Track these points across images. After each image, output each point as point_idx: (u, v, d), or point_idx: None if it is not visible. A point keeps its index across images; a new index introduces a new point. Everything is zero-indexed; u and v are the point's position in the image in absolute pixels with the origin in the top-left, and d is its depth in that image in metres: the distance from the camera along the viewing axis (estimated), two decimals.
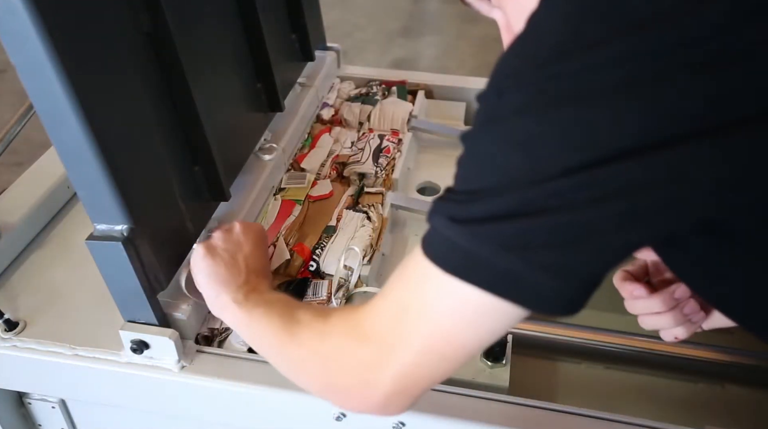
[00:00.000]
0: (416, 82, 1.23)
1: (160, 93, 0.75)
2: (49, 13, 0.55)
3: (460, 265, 0.43)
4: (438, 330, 0.46)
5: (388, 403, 0.50)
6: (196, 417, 0.81)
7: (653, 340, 0.88)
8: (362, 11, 3.40)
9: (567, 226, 0.39)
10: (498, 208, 0.40)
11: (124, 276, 0.69)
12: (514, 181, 0.40)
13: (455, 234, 0.42)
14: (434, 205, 0.45)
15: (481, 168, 0.42)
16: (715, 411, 0.80)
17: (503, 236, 0.41)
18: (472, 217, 0.41)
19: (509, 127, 0.40)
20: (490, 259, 0.41)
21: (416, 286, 0.47)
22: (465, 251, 0.42)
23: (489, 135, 0.42)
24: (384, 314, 0.50)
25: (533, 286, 0.42)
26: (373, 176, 1.02)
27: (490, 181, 0.41)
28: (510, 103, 0.40)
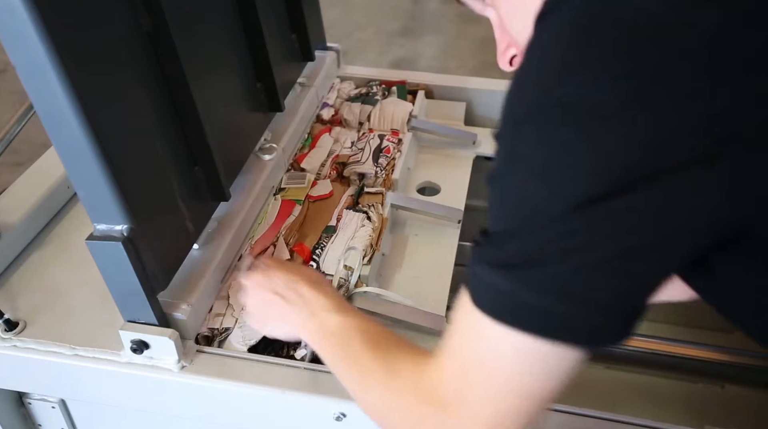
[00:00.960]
0: (416, 82, 1.23)
1: (160, 93, 0.75)
2: (49, 13, 0.55)
3: (510, 313, 0.42)
4: (507, 386, 0.45)
5: None
6: (196, 417, 0.81)
7: (653, 340, 0.88)
8: (362, 11, 3.40)
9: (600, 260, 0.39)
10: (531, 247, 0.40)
11: (124, 276, 0.69)
12: (542, 215, 0.40)
13: (498, 280, 0.42)
14: (473, 251, 0.44)
15: (508, 205, 0.42)
16: (715, 411, 0.80)
17: (544, 279, 0.40)
18: (509, 261, 0.41)
19: (529, 161, 0.40)
20: (537, 304, 0.41)
21: (475, 340, 0.45)
22: (511, 298, 0.42)
23: (510, 171, 0.41)
24: (451, 376, 0.48)
25: (584, 325, 0.41)
26: (373, 176, 1.02)
27: (518, 217, 0.41)
28: (526, 134, 0.40)
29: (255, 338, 0.78)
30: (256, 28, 0.94)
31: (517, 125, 0.40)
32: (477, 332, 0.45)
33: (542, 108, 0.39)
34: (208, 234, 0.85)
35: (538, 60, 0.40)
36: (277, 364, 0.75)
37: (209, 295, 0.81)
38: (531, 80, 0.40)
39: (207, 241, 0.84)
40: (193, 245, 0.82)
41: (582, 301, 0.41)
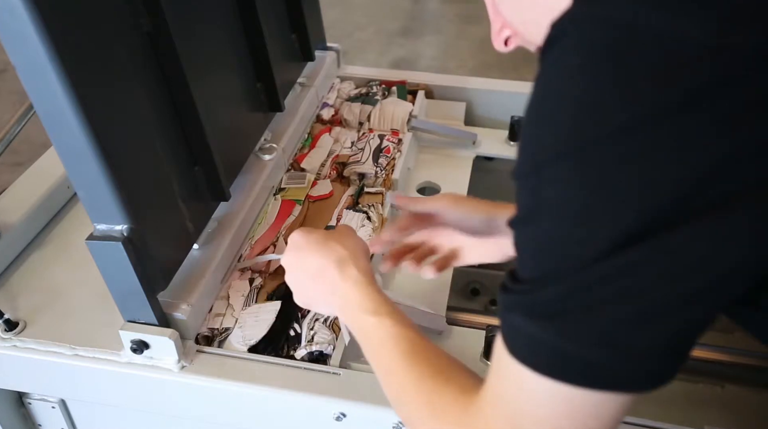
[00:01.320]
0: (416, 82, 1.23)
1: (160, 93, 0.75)
2: (49, 13, 0.55)
3: (551, 364, 0.41)
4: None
5: None
6: (196, 417, 0.81)
7: None
8: (362, 11, 3.40)
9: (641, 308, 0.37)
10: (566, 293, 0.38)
11: (124, 276, 0.69)
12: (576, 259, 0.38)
13: (536, 331, 0.40)
14: (504, 299, 0.43)
15: (538, 251, 0.40)
16: (715, 411, 0.80)
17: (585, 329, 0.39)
18: (546, 310, 0.40)
19: (557, 205, 0.38)
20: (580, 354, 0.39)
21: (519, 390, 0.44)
22: (552, 349, 0.40)
23: (537, 215, 0.39)
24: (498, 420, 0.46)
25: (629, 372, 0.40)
26: (373, 176, 1.02)
27: (551, 263, 0.39)
28: (550, 179, 0.38)
29: (255, 338, 0.78)
30: (256, 28, 0.94)
31: (540, 168, 0.38)
32: (520, 383, 0.43)
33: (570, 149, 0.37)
34: (208, 234, 0.85)
35: (557, 96, 0.37)
36: (277, 364, 0.75)
37: (209, 295, 0.81)
38: (552, 119, 0.38)
39: (207, 241, 0.84)
40: (193, 245, 0.82)
41: (625, 348, 0.39)
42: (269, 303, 0.82)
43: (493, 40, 0.53)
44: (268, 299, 0.83)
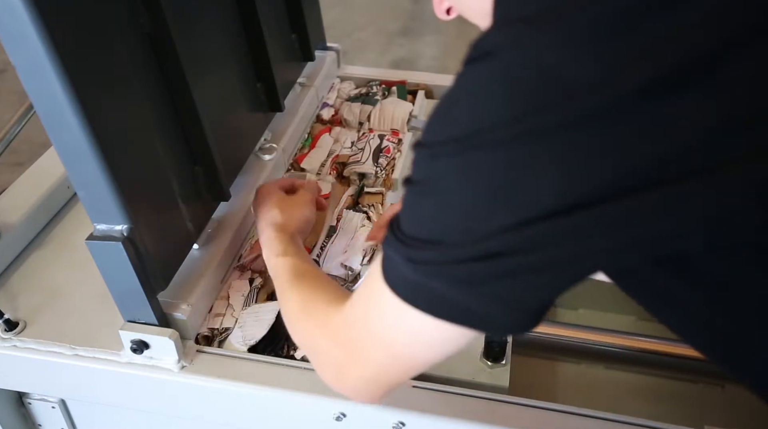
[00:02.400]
0: (416, 82, 1.23)
1: (160, 93, 0.75)
2: (49, 13, 0.55)
3: (415, 295, 0.46)
4: (395, 349, 0.51)
5: (359, 395, 0.57)
6: (196, 417, 0.81)
7: (653, 340, 0.88)
8: (362, 11, 3.40)
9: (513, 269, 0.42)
10: (445, 257, 0.43)
11: (124, 276, 0.69)
12: (456, 240, 0.43)
13: (409, 271, 0.46)
14: (388, 236, 0.48)
15: (426, 224, 0.45)
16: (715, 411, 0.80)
17: (452, 275, 0.44)
18: (422, 260, 0.45)
19: (445, 192, 0.43)
20: (442, 292, 0.44)
21: (376, 306, 0.50)
22: (419, 285, 0.46)
23: (427, 195, 0.44)
24: (352, 326, 0.55)
25: (483, 314, 0.45)
26: (373, 176, 1.02)
27: (436, 236, 0.44)
28: (443, 169, 0.43)
29: (255, 338, 0.78)
30: (256, 28, 0.94)
31: (435, 157, 0.43)
32: (382, 300, 0.49)
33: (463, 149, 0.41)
34: (208, 234, 0.85)
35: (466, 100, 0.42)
36: (277, 364, 0.75)
37: (209, 295, 0.81)
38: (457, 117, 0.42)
39: (207, 241, 0.84)
40: (193, 245, 0.82)
41: (489, 296, 0.44)
42: (269, 303, 0.82)
43: (435, 9, 0.59)
44: (268, 299, 0.83)
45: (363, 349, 0.53)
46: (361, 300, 0.54)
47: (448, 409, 0.70)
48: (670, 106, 0.37)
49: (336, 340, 0.57)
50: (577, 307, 1.07)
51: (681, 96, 0.36)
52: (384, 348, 0.52)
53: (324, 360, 0.59)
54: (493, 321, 0.45)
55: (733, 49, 0.36)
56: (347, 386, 0.57)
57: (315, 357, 0.61)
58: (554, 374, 0.90)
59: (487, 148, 0.40)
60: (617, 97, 0.37)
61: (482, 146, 0.40)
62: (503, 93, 0.40)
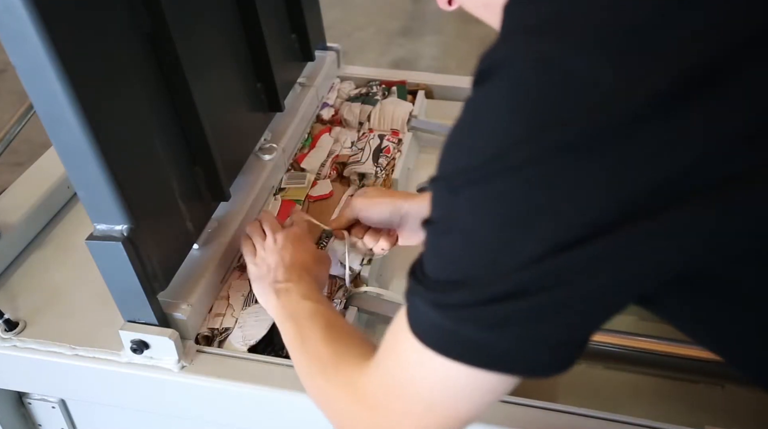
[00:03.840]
0: (416, 82, 1.23)
1: (160, 93, 0.75)
2: (49, 13, 0.55)
3: (445, 344, 0.43)
4: (431, 407, 0.47)
5: None
6: (196, 417, 0.81)
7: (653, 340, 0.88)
8: (362, 11, 3.40)
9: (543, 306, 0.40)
10: (474, 298, 0.41)
11: (124, 276, 0.69)
12: (481, 278, 0.41)
13: (437, 317, 0.43)
14: (411, 283, 0.45)
15: (449, 264, 0.43)
16: (715, 411, 0.80)
17: (484, 317, 0.41)
18: (450, 304, 0.42)
19: (466, 227, 0.41)
20: (474, 336, 0.42)
21: (409, 362, 0.47)
22: (448, 331, 0.43)
23: (450, 232, 0.42)
24: (380, 386, 0.50)
25: (520, 356, 0.42)
26: (373, 176, 1.02)
27: (461, 276, 0.42)
28: (462, 203, 0.41)
29: (255, 338, 0.78)
30: (256, 28, 0.94)
31: (454, 192, 0.41)
32: (411, 354, 0.46)
33: (482, 177, 0.39)
34: (208, 234, 0.85)
35: (479, 126, 0.40)
36: (277, 364, 0.75)
37: (209, 295, 0.81)
38: (471, 144, 0.40)
39: (207, 241, 0.84)
40: (193, 245, 0.82)
41: (526, 338, 0.41)
42: None
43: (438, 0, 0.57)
44: None
45: (395, 412, 0.49)
46: (387, 356, 0.50)
47: None
48: (690, 115, 0.35)
49: (361, 403, 0.52)
50: None
51: (704, 102, 0.35)
52: (419, 406, 0.47)
53: (345, 422, 0.54)
54: (530, 363, 0.43)
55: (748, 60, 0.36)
56: None
57: (334, 417, 0.56)
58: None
59: (505, 173, 0.38)
60: (638, 106, 0.35)
61: (501, 172, 0.38)
62: (516, 111, 0.38)
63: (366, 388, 0.52)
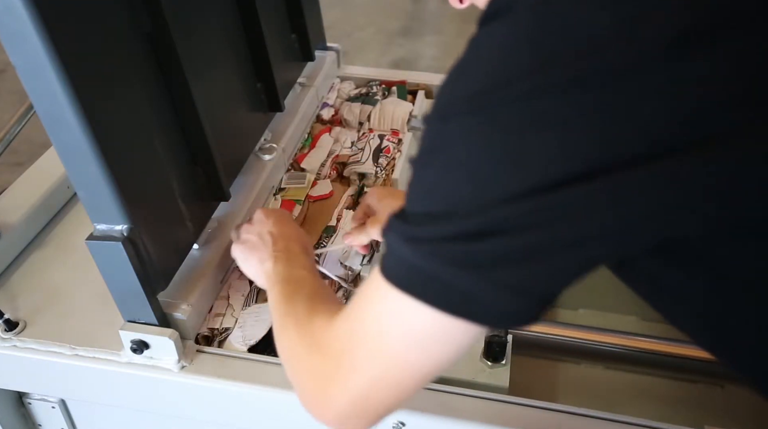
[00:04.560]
0: (416, 82, 1.23)
1: (160, 93, 0.75)
2: (49, 13, 0.55)
3: (412, 282, 0.43)
4: (390, 353, 0.46)
5: (343, 422, 0.50)
6: (196, 417, 0.81)
7: (653, 340, 0.88)
8: (362, 11, 3.40)
9: (517, 248, 0.39)
10: (449, 232, 0.41)
11: (124, 276, 0.69)
12: (462, 208, 0.40)
13: (408, 252, 0.42)
14: (388, 222, 0.45)
15: (430, 194, 0.42)
16: (715, 411, 0.80)
17: (456, 255, 0.41)
18: (424, 237, 0.42)
19: (454, 155, 0.40)
20: (443, 276, 0.41)
21: (372, 306, 0.47)
22: (417, 268, 0.42)
23: (435, 162, 0.42)
24: (343, 334, 0.50)
25: (486, 303, 0.42)
26: (373, 176, 1.02)
27: (440, 206, 0.41)
28: (454, 130, 0.40)
29: (255, 338, 0.78)
30: (256, 28, 0.94)
31: (450, 119, 0.40)
32: (377, 300, 0.45)
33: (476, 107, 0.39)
34: (208, 234, 0.85)
35: (480, 60, 0.40)
36: (277, 364, 0.75)
37: (209, 295, 0.81)
38: (469, 78, 0.40)
39: (207, 241, 0.84)
40: (193, 245, 0.82)
41: (491, 281, 0.41)
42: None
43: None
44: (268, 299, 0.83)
45: (351, 358, 0.48)
46: (354, 305, 0.49)
47: (448, 409, 0.70)
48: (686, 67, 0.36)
49: (323, 353, 0.51)
50: (577, 307, 1.07)
51: (697, 57, 0.35)
52: (374, 351, 0.46)
53: (304, 376, 0.53)
54: (494, 310, 0.42)
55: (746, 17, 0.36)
56: (330, 409, 0.50)
57: (295, 375, 0.55)
58: (554, 374, 0.90)
59: (500, 105, 0.38)
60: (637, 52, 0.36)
61: (495, 103, 0.38)
62: (519, 48, 0.38)
63: (329, 337, 0.51)
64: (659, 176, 0.37)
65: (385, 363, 0.46)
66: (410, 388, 0.48)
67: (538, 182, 0.38)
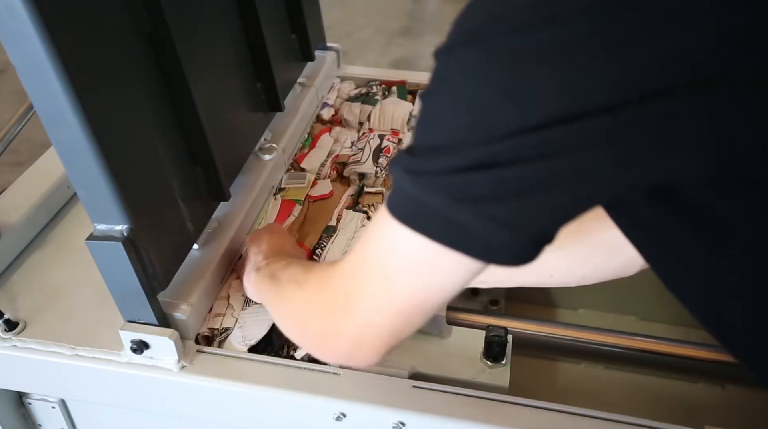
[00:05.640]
0: (416, 82, 1.23)
1: (160, 93, 0.75)
2: (49, 13, 0.55)
3: (411, 214, 0.44)
4: (390, 283, 0.48)
5: (354, 352, 0.53)
6: (196, 417, 0.81)
7: (653, 340, 0.88)
8: (362, 11, 3.40)
9: (513, 181, 0.40)
10: (448, 164, 0.41)
11: (124, 276, 0.69)
12: (463, 141, 0.41)
13: (408, 184, 0.43)
14: (395, 157, 0.46)
15: (433, 127, 0.43)
16: (715, 411, 0.80)
17: (453, 188, 0.41)
18: (424, 169, 0.42)
19: (454, 88, 0.41)
20: (440, 208, 0.42)
21: (375, 237, 0.48)
22: (416, 201, 0.43)
23: (438, 95, 0.42)
24: (348, 266, 0.52)
25: (481, 236, 0.42)
26: (373, 176, 1.02)
27: (441, 139, 0.42)
28: (458, 62, 0.40)
29: (255, 338, 0.78)
30: (256, 28, 0.94)
31: (455, 51, 0.41)
32: (380, 231, 0.47)
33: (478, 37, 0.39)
34: (208, 234, 0.85)
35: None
36: (277, 364, 0.75)
37: (209, 295, 0.81)
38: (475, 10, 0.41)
39: (207, 241, 0.84)
40: (193, 245, 0.82)
41: (488, 214, 0.41)
42: None
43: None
44: None
45: (356, 290, 0.50)
46: (360, 240, 0.51)
47: (448, 409, 0.70)
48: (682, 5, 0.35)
49: (330, 289, 0.53)
50: (577, 307, 1.08)
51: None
52: (376, 279, 0.48)
53: (314, 317, 0.54)
54: (488, 244, 0.42)
55: None
56: (339, 341, 0.52)
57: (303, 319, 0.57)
58: (554, 374, 0.90)
59: (500, 36, 0.38)
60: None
61: (499, 34, 0.38)
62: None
63: (335, 273, 0.53)
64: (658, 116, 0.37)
65: (386, 291, 0.48)
66: (413, 317, 0.49)
67: (534, 117, 0.38)
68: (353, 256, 0.52)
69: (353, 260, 0.51)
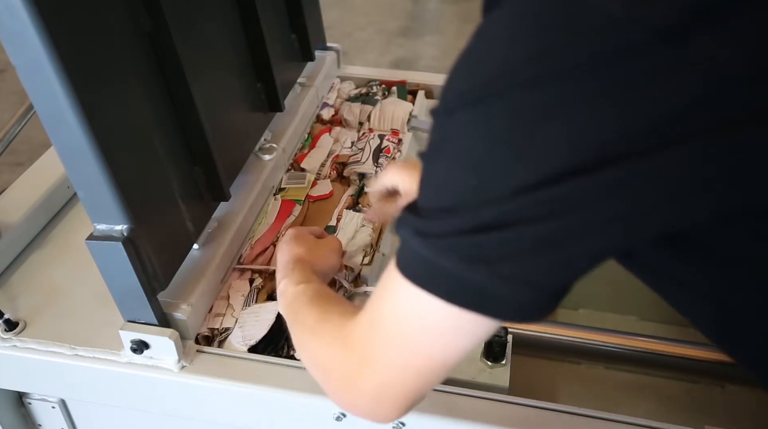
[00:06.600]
0: (416, 82, 1.23)
1: (160, 93, 0.75)
2: (49, 13, 0.55)
3: (426, 277, 0.43)
4: (409, 345, 0.47)
5: (375, 411, 0.52)
6: (196, 417, 0.81)
7: (653, 340, 0.88)
8: (362, 11, 3.40)
9: (525, 240, 0.39)
10: (457, 226, 0.41)
11: (124, 276, 0.69)
12: (471, 202, 0.40)
13: (421, 247, 0.43)
14: (401, 217, 0.45)
15: (439, 188, 0.42)
16: (715, 411, 0.80)
17: (464, 249, 0.41)
18: (433, 232, 0.42)
19: (458, 149, 0.40)
20: (454, 271, 0.41)
21: (389, 298, 0.48)
22: (428, 262, 0.42)
23: (441, 156, 0.42)
24: (363, 325, 0.51)
25: (497, 296, 0.42)
26: (373, 176, 1.02)
27: (449, 201, 0.41)
28: (457, 123, 0.40)
29: (255, 338, 0.78)
30: (256, 28, 0.94)
31: (455, 111, 0.40)
32: (393, 292, 0.46)
33: (481, 99, 0.39)
34: (208, 234, 0.85)
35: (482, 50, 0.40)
36: (277, 364, 0.75)
37: (209, 295, 0.81)
38: (474, 67, 0.40)
39: (207, 241, 0.84)
40: (193, 245, 0.82)
41: (500, 274, 0.41)
42: (269, 303, 0.82)
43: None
44: (268, 299, 0.83)
45: (374, 351, 0.49)
46: (374, 298, 0.50)
47: (448, 409, 0.70)
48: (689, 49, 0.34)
49: (347, 347, 0.52)
50: (577, 307, 1.08)
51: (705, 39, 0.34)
52: (394, 341, 0.47)
53: (334, 374, 0.54)
54: (506, 304, 0.42)
55: None
56: (360, 399, 0.52)
57: (324, 373, 0.57)
58: (554, 374, 0.90)
59: (503, 95, 0.38)
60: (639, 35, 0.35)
61: (499, 93, 0.38)
62: (521, 34, 0.37)
63: (352, 332, 0.52)
64: (667, 164, 0.36)
65: (404, 352, 0.48)
66: (432, 376, 0.49)
67: (542, 174, 0.37)
68: (368, 315, 0.51)
69: (369, 320, 0.51)
